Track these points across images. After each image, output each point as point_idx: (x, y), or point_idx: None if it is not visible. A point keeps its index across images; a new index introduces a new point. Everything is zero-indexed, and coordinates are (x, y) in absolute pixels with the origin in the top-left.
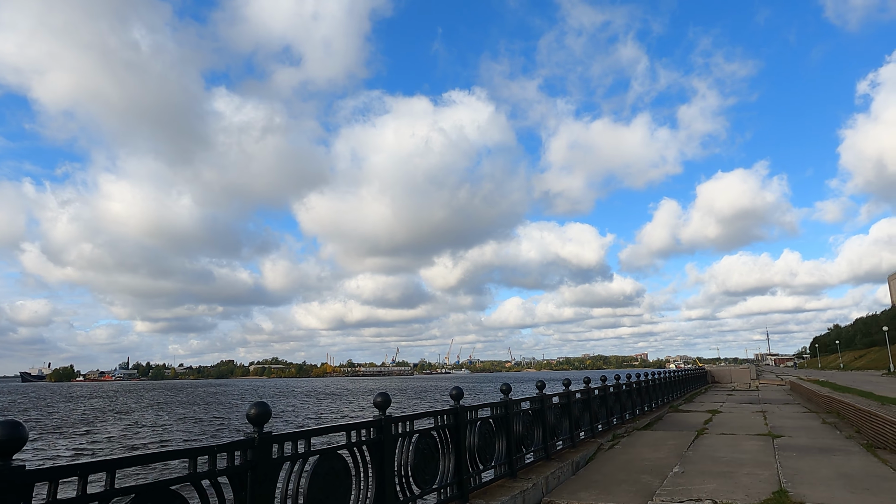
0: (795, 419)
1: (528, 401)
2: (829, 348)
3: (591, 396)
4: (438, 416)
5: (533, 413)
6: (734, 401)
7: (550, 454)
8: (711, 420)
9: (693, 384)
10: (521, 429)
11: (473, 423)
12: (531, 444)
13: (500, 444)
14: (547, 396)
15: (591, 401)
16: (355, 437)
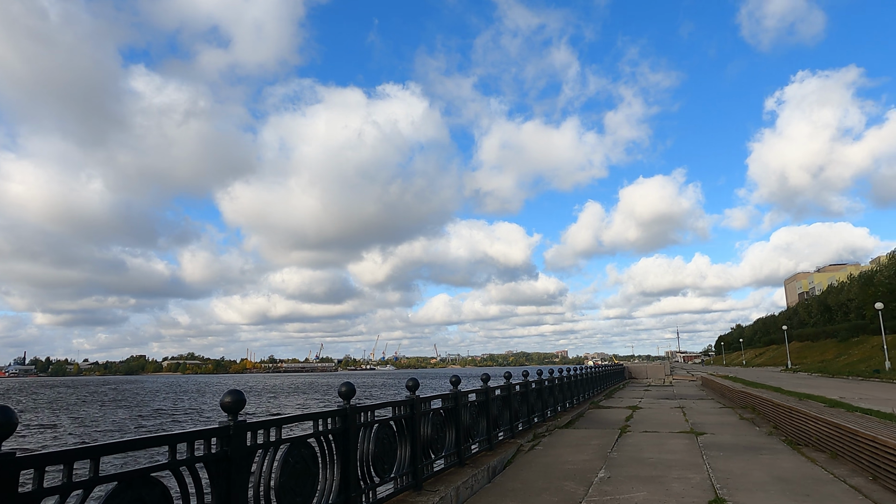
0: (713, 415)
1: (441, 399)
2: (732, 346)
3: (512, 394)
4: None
5: (445, 413)
6: (652, 396)
7: (464, 459)
8: (632, 417)
9: (612, 380)
10: (429, 431)
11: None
12: (442, 449)
13: (403, 451)
14: (462, 394)
15: (511, 398)
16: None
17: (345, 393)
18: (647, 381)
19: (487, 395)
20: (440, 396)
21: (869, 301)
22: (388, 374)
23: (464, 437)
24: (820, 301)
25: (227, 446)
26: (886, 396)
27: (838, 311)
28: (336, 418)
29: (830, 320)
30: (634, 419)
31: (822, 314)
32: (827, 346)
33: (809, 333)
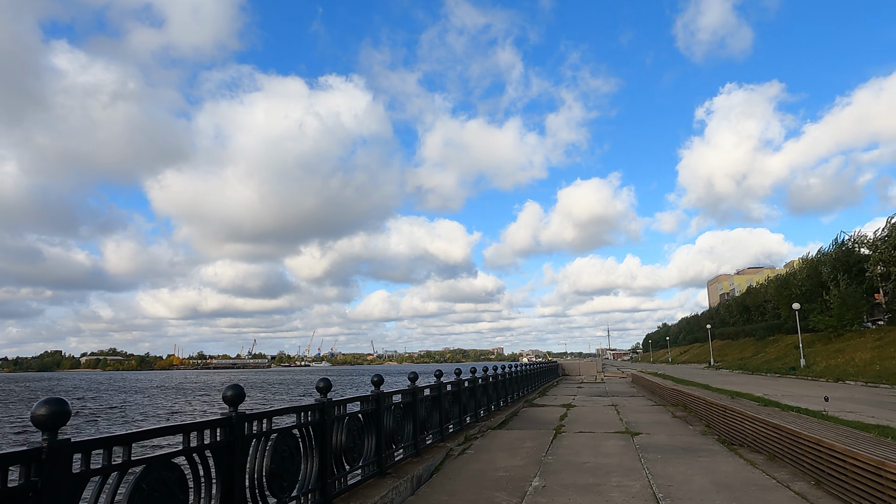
0: (647, 413)
1: (359, 401)
2: (659, 344)
3: (443, 393)
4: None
5: (365, 417)
6: (585, 394)
7: (386, 469)
8: (567, 416)
9: (546, 377)
10: (343, 439)
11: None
12: (359, 458)
13: (310, 464)
14: (385, 395)
15: (441, 399)
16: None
17: (231, 398)
18: (580, 378)
19: (415, 396)
20: (359, 399)
21: (784, 302)
22: (324, 371)
23: (386, 443)
24: (739, 302)
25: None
26: (806, 393)
27: (756, 312)
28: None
29: (749, 320)
30: (569, 418)
31: (742, 314)
32: (746, 345)
33: (730, 332)
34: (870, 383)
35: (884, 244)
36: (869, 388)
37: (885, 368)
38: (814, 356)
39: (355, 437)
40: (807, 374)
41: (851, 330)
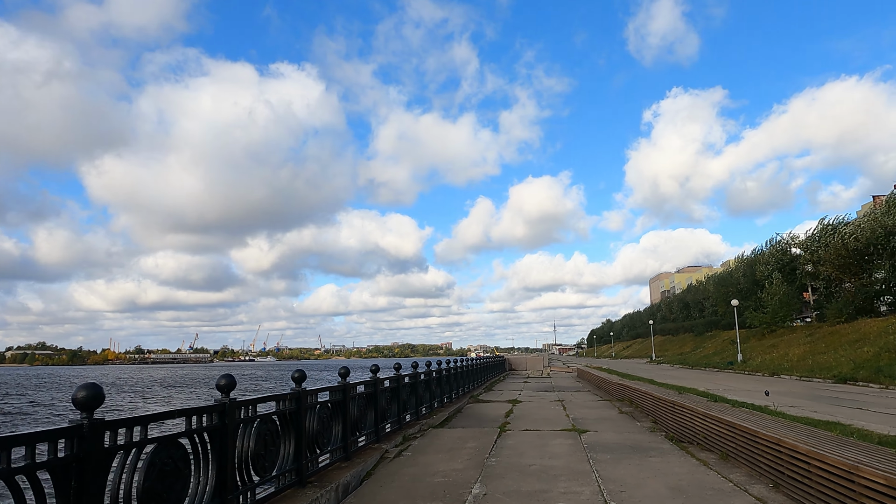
0: (593, 409)
1: (275, 401)
2: (603, 339)
3: (380, 390)
4: (281, 400)
5: (282, 419)
6: (531, 388)
7: (307, 477)
8: (512, 412)
9: (493, 372)
10: (251, 445)
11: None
12: (272, 467)
13: (206, 479)
14: (307, 393)
15: (378, 396)
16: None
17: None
18: (527, 372)
19: (346, 394)
20: (275, 398)
21: (721, 299)
22: (269, 366)
23: (308, 447)
24: (680, 299)
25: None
26: (747, 387)
27: (695, 309)
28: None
29: (688, 317)
30: (515, 415)
31: (682, 311)
32: (685, 340)
33: (670, 328)
34: (803, 377)
35: (814, 244)
36: (803, 382)
37: (816, 363)
38: (749, 351)
39: (269, 441)
40: (744, 368)
41: (784, 326)
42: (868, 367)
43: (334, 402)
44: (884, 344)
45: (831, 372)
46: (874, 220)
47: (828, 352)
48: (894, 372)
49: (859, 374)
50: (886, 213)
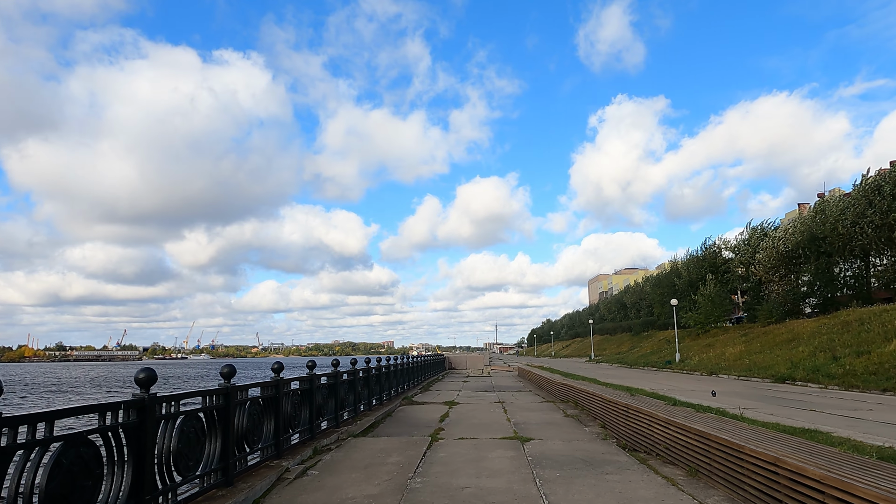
0: (536, 411)
1: (106, 412)
2: (542, 339)
3: (284, 393)
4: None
5: (115, 436)
6: (471, 389)
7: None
8: (448, 416)
9: (432, 370)
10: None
11: None
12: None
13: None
14: (161, 400)
15: (280, 401)
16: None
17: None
18: (467, 371)
19: (229, 400)
20: (94, 408)
21: (657, 300)
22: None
23: (167, 472)
24: (617, 299)
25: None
26: (691, 387)
27: (632, 309)
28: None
29: (626, 317)
30: (450, 419)
31: (619, 311)
32: (623, 339)
33: (608, 328)
34: (742, 377)
35: (745, 247)
36: (742, 382)
37: (753, 362)
38: (686, 351)
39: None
40: (682, 367)
41: (717, 327)
42: (805, 367)
43: (211, 410)
44: (818, 344)
45: (769, 371)
46: (802, 224)
47: (763, 351)
48: (831, 371)
49: (797, 374)
50: (813, 219)
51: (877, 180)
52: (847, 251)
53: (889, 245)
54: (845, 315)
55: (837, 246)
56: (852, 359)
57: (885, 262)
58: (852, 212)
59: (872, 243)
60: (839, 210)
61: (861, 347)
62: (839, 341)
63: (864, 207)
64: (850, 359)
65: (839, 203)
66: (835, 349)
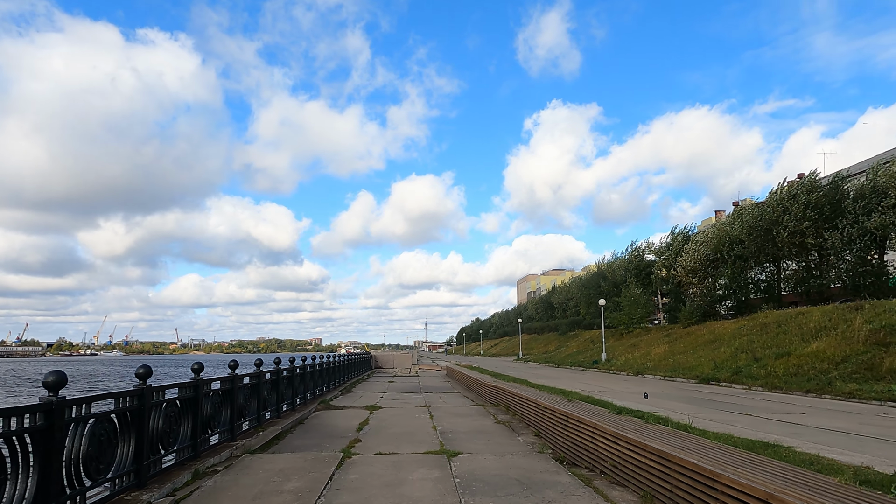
0: (465, 417)
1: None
2: (471, 337)
3: (149, 405)
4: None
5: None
6: (396, 389)
7: None
8: (368, 423)
9: (357, 370)
10: None
11: None
12: None
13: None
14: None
15: (144, 413)
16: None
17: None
18: (394, 370)
19: (52, 417)
20: None
21: (583, 300)
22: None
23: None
24: (545, 300)
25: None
26: (622, 388)
27: (559, 309)
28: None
29: (552, 316)
30: (370, 427)
31: (546, 311)
32: (550, 339)
33: (536, 327)
34: (667, 377)
35: (668, 250)
36: (667, 382)
37: (678, 363)
38: (611, 351)
39: None
40: (609, 367)
41: (640, 327)
42: (727, 368)
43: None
44: (738, 345)
45: (693, 372)
46: (720, 229)
47: (686, 352)
48: (753, 372)
49: (721, 375)
50: (732, 224)
51: (791, 189)
52: (762, 256)
53: (801, 250)
54: (763, 317)
55: (753, 250)
56: (773, 360)
57: (795, 266)
58: (768, 218)
59: (786, 248)
60: (754, 217)
61: (781, 349)
62: (759, 343)
63: (780, 214)
64: (771, 360)
65: (755, 210)
66: (755, 351)
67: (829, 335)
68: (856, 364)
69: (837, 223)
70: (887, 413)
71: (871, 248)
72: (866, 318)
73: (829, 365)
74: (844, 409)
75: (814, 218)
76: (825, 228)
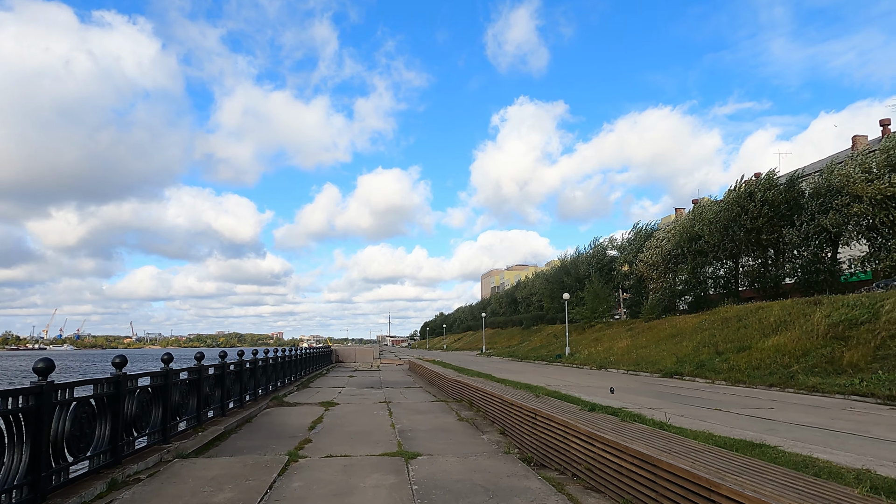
0: (426, 413)
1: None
2: (435, 332)
3: (50, 406)
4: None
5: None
6: (356, 385)
7: None
8: (322, 420)
9: (317, 364)
10: None
11: None
12: None
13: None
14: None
15: (43, 413)
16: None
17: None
18: (355, 365)
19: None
20: None
21: (547, 295)
22: (63, 355)
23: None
24: (509, 294)
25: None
26: (588, 382)
27: (522, 304)
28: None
29: (516, 311)
30: (324, 425)
31: (510, 305)
32: (513, 333)
33: (500, 321)
34: (630, 371)
35: (630, 246)
36: (631, 376)
37: (641, 357)
38: (574, 345)
39: None
40: (572, 361)
41: (602, 321)
42: (690, 362)
43: None
44: (700, 339)
45: (657, 366)
46: (681, 225)
47: (649, 346)
48: (715, 366)
49: (684, 369)
50: (692, 221)
51: (749, 187)
52: (721, 252)
53: (757, 247)
54: (724, 312)
55: (712, 246)
56: (735, 354)
57: (752, 263)
58: (727, 215)
59: (743, 245)
60: (714, 213)
61: (742, 343)
62: (720, 337)
63: (738, 212)
64: (733, 354)
65: (715, 206)
66: (717, 345)
67: (789, 329)
68: (816, 358)
69: (794, 220)
70: (853, 407)
71: (825, 246)
72: (825, 313)
73: (791, 359)
74: (810, 403)
75: (770, 215)
76: (781, 226)
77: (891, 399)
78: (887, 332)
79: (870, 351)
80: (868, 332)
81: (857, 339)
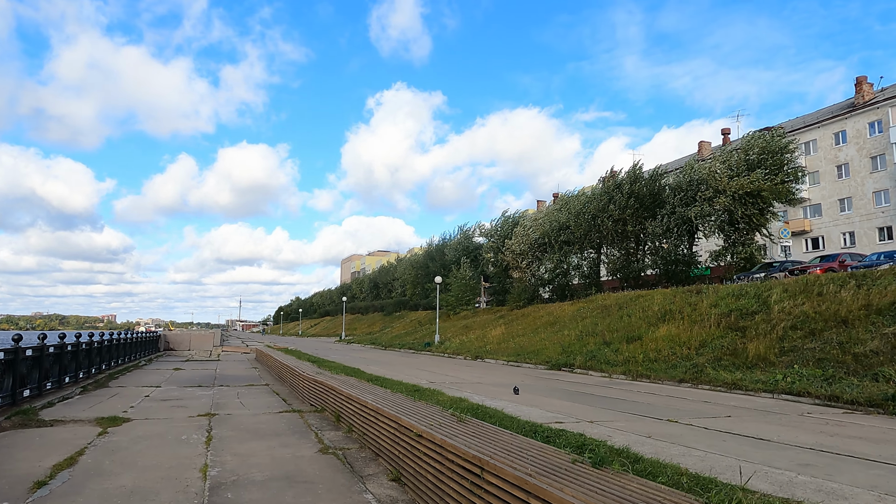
0: (268, 439)
1: None
2: (290, 317)
3: None
4: None
5: None
6: (178, 382)
7: None
8: (76, 462)
9: (133, 353)
10: None
11: None
12: None
13: None
14: None
15: None
16: None
17: None
18: (190, 353)
19: None
20: None
21: (410, 281)
22: None
23: None
24: (371, 279)
25: None
26: (479, 378)
27: (384, 289)
28: None
29: (378, 297)
30: (75, 473)
31: (372, 291)
32: (375, 319)
33: (360, 307)
34: (510, 361)
35: (496, 234)
36: (515, 368)
37: (519, 345)
38: (442, 332)
39: None
40: (443, 350)
41: (467, 309)
42: (578, 353)
43: None
44: (582, 328)
45: (540, 357)
46: (549, 214)
47: (526, 334)
48: (608, 357)
49: (574, 360)
50: (559, 211)
51: (617, 178)
52: (586, 242)
53: (622, 238)
54: (602, 299)
55: (579, 236)
56: (625, 345)
57: (616, 254)
58: (596, 205)
59: (609, 235)
60: (582, 204)
61: (629, 333)
62: (603, 326)
63: (606, 203)
64: (623, 344)
65: (583, 197)
66: (603, 334)
67: (676, 319)
68: (716, 349)
69: (657, 212)
70: (810, 412)
71: (684, 237)
72: (710, 302)
73: (689, 350)
74: (752, 406)
75: (636, 207)
76: (645, 217)
77: (833, 399)
78: (787, 324)
79: (774, 342)
80: (765, 323)
81: (754, 329)
